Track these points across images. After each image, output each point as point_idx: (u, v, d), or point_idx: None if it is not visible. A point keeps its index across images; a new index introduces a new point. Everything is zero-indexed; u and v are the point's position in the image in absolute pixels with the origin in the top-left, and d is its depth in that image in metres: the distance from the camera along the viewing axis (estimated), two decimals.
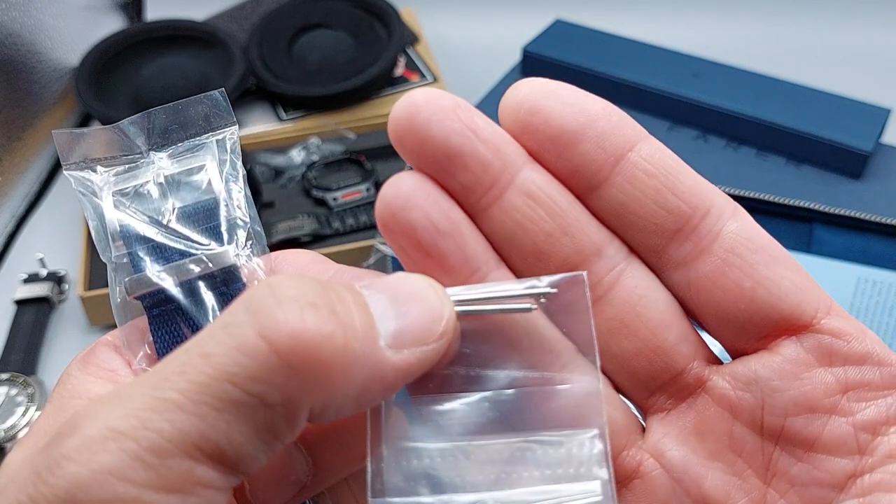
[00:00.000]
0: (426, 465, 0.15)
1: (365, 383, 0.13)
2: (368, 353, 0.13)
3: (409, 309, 0.14)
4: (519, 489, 0.15)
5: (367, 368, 0.13)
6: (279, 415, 0.13)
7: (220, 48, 0.64)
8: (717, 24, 0.77)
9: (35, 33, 0.62)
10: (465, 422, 0.15)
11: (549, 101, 0.16)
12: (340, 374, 0.13)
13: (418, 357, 0.14)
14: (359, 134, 0.62)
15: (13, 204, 0.61)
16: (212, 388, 0.12)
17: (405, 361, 0.14)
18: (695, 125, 0.59)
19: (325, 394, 0.13)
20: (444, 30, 0.75)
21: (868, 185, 0.54)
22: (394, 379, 0.14)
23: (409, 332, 0.14)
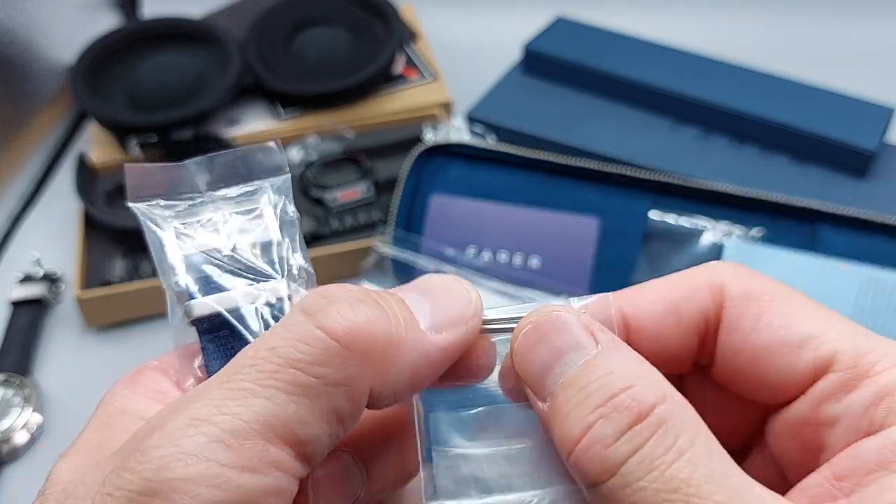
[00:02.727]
0: (473, 470, 0.16)
1: (414, 362, 0.15)
2: (413, 335, 0.15)
3: (440, 298, 0.16)
4: (559, 486, 0.15)
5: (414, 348, 0.15)
6: (342, 394, 0.14)
7: (217, 46, 0.63)
8: (721, 21, 0.76)
9: (30, 31, 0.62)
10: (505, 427, 0.16)
11: None
12: (392, 354, 0.15)
13: (455, 336, 0.16)
14: (357, 132, 0.62)
15: (8, 203, 0.60)
16: (280, 375, 0.14)
17: (445, 340, 0.16)
18: (697, 123, 0.58)
19: (380, 373, 0.15)
20: (443, 27, 0.75)
21: (872, 184, 0.54)
22: (439, 357, 0.16)
23: (444, 316, 0.16)
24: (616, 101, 0.61)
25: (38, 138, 0.64)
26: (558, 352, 0.15)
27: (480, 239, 0.49)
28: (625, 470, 0.13)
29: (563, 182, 0.49)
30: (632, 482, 0.13)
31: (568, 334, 0.15)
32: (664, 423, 0.14)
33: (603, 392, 0.14)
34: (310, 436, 0.14)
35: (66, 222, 0.59)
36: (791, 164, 0.56)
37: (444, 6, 0.77)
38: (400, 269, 0.50)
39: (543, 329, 0.16)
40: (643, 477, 0.13)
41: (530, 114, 0.60)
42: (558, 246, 0.48)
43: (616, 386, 0.14)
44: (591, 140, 0.57)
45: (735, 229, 0.47)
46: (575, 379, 0.15)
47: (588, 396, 0.14)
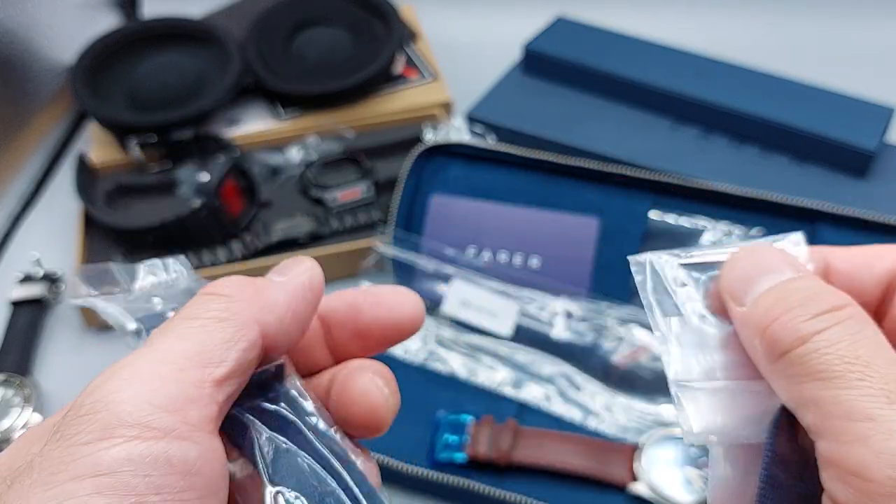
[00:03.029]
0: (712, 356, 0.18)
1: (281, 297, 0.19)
2: (267, 282, 0.19)
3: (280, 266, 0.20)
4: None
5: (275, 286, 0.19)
6: (231, 326, 0.17)
7: (217, 46, 0.63)
8: (721, 21, 0.76)
9: (30, 31, 0.62)
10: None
11: None
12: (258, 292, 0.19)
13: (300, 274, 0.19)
14: (357, 132, 0.62)
15: (8, 203, 0.60)
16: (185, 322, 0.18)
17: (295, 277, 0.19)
18: (697, 123, 0.58)
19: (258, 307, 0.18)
20: (443, 27, 0.75)
21: (872, 184, 0.54)
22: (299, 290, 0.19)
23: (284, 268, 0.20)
24: (616, 101, 0.61)
25: (38, 138, 0.64)
26: (762, 269, 0.18)
27: (480, 239, 0.49)
28: (816, 339, 0.16)
29: (564, 182, 0.49)
30: (820, 348, 0.16)
31: (772, 260, 0.18)
32: (851, 317, 0.17)
33: (802, 294, 0.17)
34: (213, 356, 0.17)
35: (66, 222, 0.59)
36: (791, 163, 0.56)
37: (444, 6, 0.77)
38: (400, 269, 0.50)
39: (751, 253, 0.19)
40: (830, 346, 0.16)
41: (530, 114, 0.60)
42: (558, 246, 0.48)
43: (813, 291, 0.17)
44: (591, 140, 0.57)
45: (735, 229, 0.47)
46: (777, 287, 0.18)
47: (788, 296, 0.17)
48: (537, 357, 0.46)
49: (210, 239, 0.53)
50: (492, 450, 0.40)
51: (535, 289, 0.47)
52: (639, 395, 0.44)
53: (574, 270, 0.48)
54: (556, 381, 0.45)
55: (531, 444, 0.40)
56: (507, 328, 0.46)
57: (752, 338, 0.17)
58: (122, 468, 0.15)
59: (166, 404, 0.15)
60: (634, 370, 0.45)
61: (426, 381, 0.45)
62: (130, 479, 0.14)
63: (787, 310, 0.17)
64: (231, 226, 0.53)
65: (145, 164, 0.59)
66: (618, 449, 0.40)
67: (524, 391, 0.45)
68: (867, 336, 0.16)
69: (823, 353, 0.16)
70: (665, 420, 0.43)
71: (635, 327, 0.45)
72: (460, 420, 0.42)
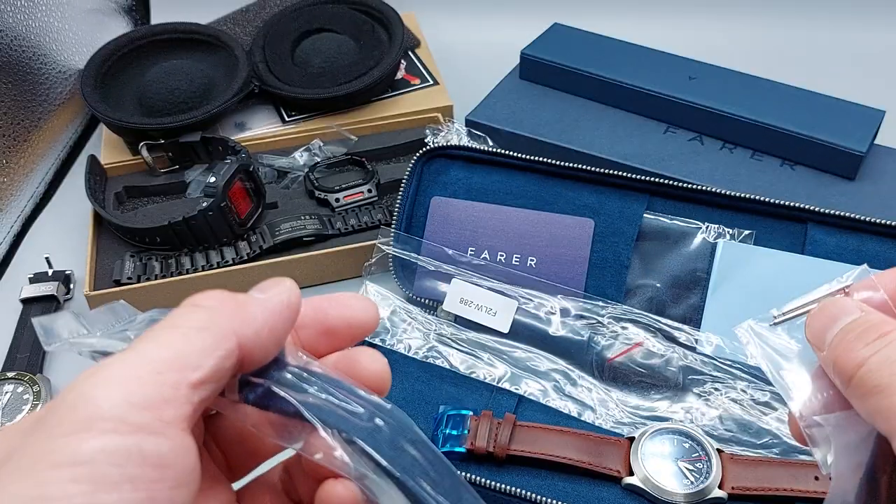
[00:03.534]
0: None
1: (260, 312, 0.20)
2: (250, 298, 0.20)
3: (262, 285, 0.21)
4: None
5: (256, 302, 0.20)
6: (211, 335, 0.18)
7: (225, 51, 0.64)
8: (713, 27, 0.78)
9: (41, 36, 0.63)
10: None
11: None
12: (239, 307, 0.19)
13: (279, 292, 0.20)
14: (360, 136, 0.63)
15: (20, 204, 0.61)
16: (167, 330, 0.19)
17: (275, 295, 0.20)
18: (691, 127, 0.60)
19: (239, 321, 0.19)
20: (444, 34, 0.76)
21: (862, 186, 0.55)
22: (277, 308, 0.20)
23: (266, 286, 0.21)
24: (611, 105, 0.62)
25: (50, 141, 0.66)
26: (834, 318, 0.22)
27: (479, 239, 0.50)
28: (870, 361, 0.20)
29: (560, 184, 0.50)
30: (873, 368, 0.20)
31: (843, 308, 0.23)
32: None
33: (860, 329, 0.22)
34: (190, 362, 0.18)
35: (76, 223, 0.60)
36: (783, 166, 0.57)
37: (444, 14, 0.78)
38: (402, 269, 0.51)
39: (826, 307, 0.23)
40: (881, 365, 0.20)
41: (527, 118, 0.61)
42: (555, 246, 0.49)
43: (869, 324, 0.22)
44: (587, 143, 0.58)
45: (727, 230, 0.48)
46: (842, 329, 0.22)
47: (848, 333, 0.22)
48: (535, 353, 0.47)
49: (217, 239, 0.54)
50: (490, 443, 0.41)
51: (533, 288, 0.48)
52: (633, 390, 0.45)
53: (570, 270, 0.49)
54: (552, 376, 0.46)
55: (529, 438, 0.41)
56: (505, 326, 0.47)
57: (831, 373, 0.22)
58: (98, 458, 0.16)
59: (142, 402, 0.16)
60: (629, 366, 0.46)
61: (427, 377, 0.46)
62: (106, 469, 0.16)
63: (848, 343, 0.21)
64: (238, 226, 0.54)
65: (154, 167, 0.61)
66: (613, 442, 0.41)
67: (522, 386, 0.45)
68: None
69: (876, 371, 0.20)
70: (659, 414, 0.44)
71: (629, 325, 0.46)
72: (460, 414, 0.43)
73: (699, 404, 0.44)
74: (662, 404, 0.45)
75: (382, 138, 0.63)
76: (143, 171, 0.61)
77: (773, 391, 0.43)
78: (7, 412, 0.46)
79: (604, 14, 0.76)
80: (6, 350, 0.51)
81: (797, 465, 0.40)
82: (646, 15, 0.78)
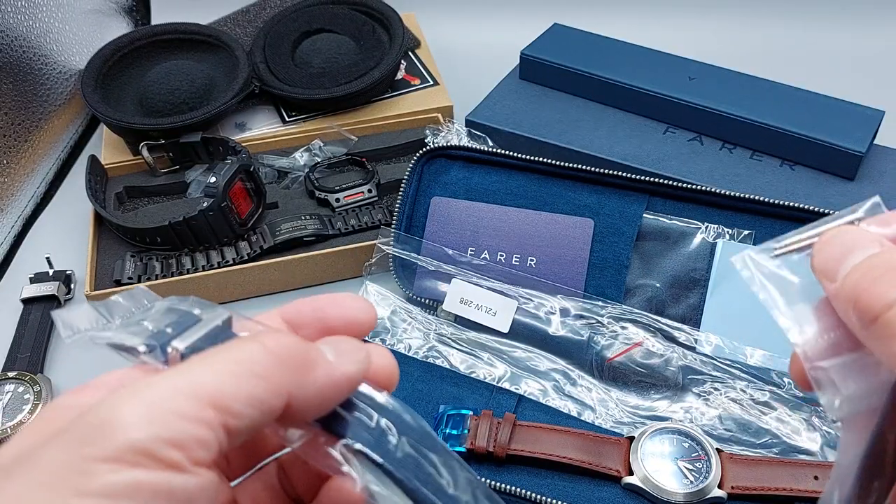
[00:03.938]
0: None
1: (322, 379, 0.19)
2: (322, 359, 0.19)
3: (341, 344, 0.20)
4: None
5: (322, 369, 0.19)
6: (263, 385, 0.18)
7: (225, 52, 0.64)
8: (713, 28, 0.78)
9: (42, 37, 0.63)
10: None
11: None
12: (306, 367, 0.19)
13: (353, 366, 0.19)
14: (361, 136, 0.63)
15: (20, 204, 0.61)
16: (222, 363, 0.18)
17: (347, 368, 0.19)
18: (690, 128, 0.60)
19: (296, 381, 0.18)
20: (444, 34, 0.76)
21: (861, 186, 0.55)
22: (342, 381, 0.19)
23: (344, 351, 0.20)
24: (610, 106, 0.62)
25: (51, 141, 0.66)
26: (849, 248, 0.20)
27: (479, 239, 0.50)
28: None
29: (560, 184, 0.50)
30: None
31: (858, 238, 0.20)
32: None
33: (886, 266, 0.19)
34: (233, 408, 0.17)
35: (77, 223, 0.60)
36: (782, 166, 0.57)
37: (444, 15, 0.78)
38: (402, 269, 0.51)
39: (838, 235, 0.21)
40: None
41: (527, 118, 0.61)
42: (554, 246, 0.50)
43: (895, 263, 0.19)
44: (587, 143, 0.59)
45: (727, 230, 0.48)
46: (863, 263, 0.20)
47: (873, 269, 0.19)
48: (534, 353, 0.47)
49: (218, 239, 0.54)
50: (490, 443, 0.41)
51: (533, 288, 0.48)
52: (633, 390, 0.46)
53: (570, 270, 0.49)
54: (552, 376, 0.46)
55: (528, 438, 0.41)
56: (505, 325, 0.47)
57: (847, 310, 0.20)
58: (125, 493, 0.15)
59: (177, 440, 0.16)
60: (628, 366, 0.46)
61: (428, 377, 0.46)
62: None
63: (874, 281, 0.19)
64: (238, 226, 0.54)
65: (155, 167, 0.61)
66: (613, 442, 0.41)
67: (522, 386, 0.46)
68: None
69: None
70: (658, 414, 0.44)
71: (629, 325, 0.46)
72: (460, 414, 0.43)
73: (699, 404, 0.44)
74: (662, 404, 0.45)
75: (383, 138, 0.63)
76: (144, 172, 0.61)
77: (772, 391, 0.44)
78: (8, 412, 0.46)
79: (604, 14, 0.76)
80: (7, 350, 0.51)
81: (797, 464, 0.40)
82: (646, 15, 0.78)
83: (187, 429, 0.16)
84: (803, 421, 0.42)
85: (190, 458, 0.16)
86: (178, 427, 0.16)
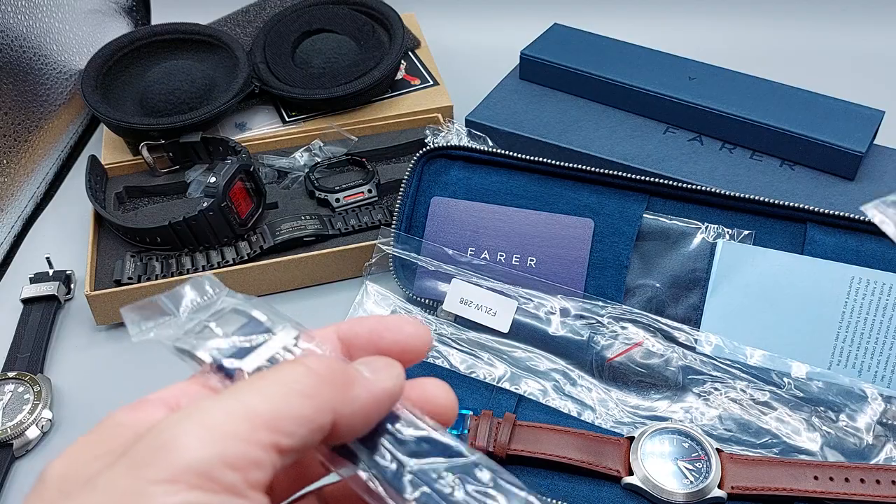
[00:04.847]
0: None
1: (364, 396, 0.19)
2: (360, 377, 0.20)
3: (374, 363, 0.21)
4: None
5: (363, 386, 0.19)
6: (311, 405, 0.18)
7: (225, 52, 0.64)
8: (713, 28, 0.78)
9: (42, 37, 0.63)
10: None
11: None
12: (348, 386, 0.19)
13: (390, 381, 0.20)
14: (361, 136, 0.63)
15: (20, 204, 0.62)
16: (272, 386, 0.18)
17: (384, 382, 0.20)
18: (691, 128, 0.60)
19: (342, 399, 0.19)
20: (444, 34, 0.76)
21: (861, 186, 0.55)
22: (382, 396, 0.20)
23: (379, 367, 0.20)
24: (610, 106, 0.62)
25: (51, 142, 0.66)
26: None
27: (479, 239, 0.51)
28: None
29: (560, 184, 0.50)
30: None
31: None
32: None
33: None
34: (285, 428, 0.18)
35: (77, 224, 0.60)
36: (782, 166, 0.57)
37: (445, 15, 0.79)
38: (402, 269, 0.51)
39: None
40: None
41: (527, 118, 0.61)
42: (554, 246, 0.50)
43: None
44: (587, 143, 0.59)
45: (727, 230, 0.48)
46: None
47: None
48: (534, 353, 0.47)
49: (218, 239, 0.54)
50: (490, 443, 0.41)
51: (533, 288, 0.48)
52: (633, 390, 0.46)
53: (570, 270, 0.49)
54: (552, 376, 0.46)
55: (528, 438, 0.41)
56: (505, 326, 0.47)
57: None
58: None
59: (233, 462, 0.17)
60: (628, 366, 0.46)
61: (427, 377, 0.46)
62: None
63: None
64: (238, 226, 0.54)
65: (155, 167, 0.61)
66: (613, 442, 0.41)
67: (522, 386, 0.46)
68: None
69: None
70: (658, 414, 0.44)
71: (629, 325, 0.46)
72: (460, 414, 0.43)
73: (699, 404, 0.44)
74: (662, 404, 0.45)
75: (383, 138, 0.63)
76: (144, 172, 0.61)
77: (772, 391, 0.44)
78: (7, 412, 0.46)
79: (604, 14, 0.76)
80: (7, 350, 0.51)
81: (796, 464, 0.40)
82: (646, 15, 0.78)
83: (244, 450, 0.17)
84: (803, 421, 0.42)
85: (246, 481, 0.17)
86: (235, 449, 0.17)
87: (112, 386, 0.49)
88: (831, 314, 0.44)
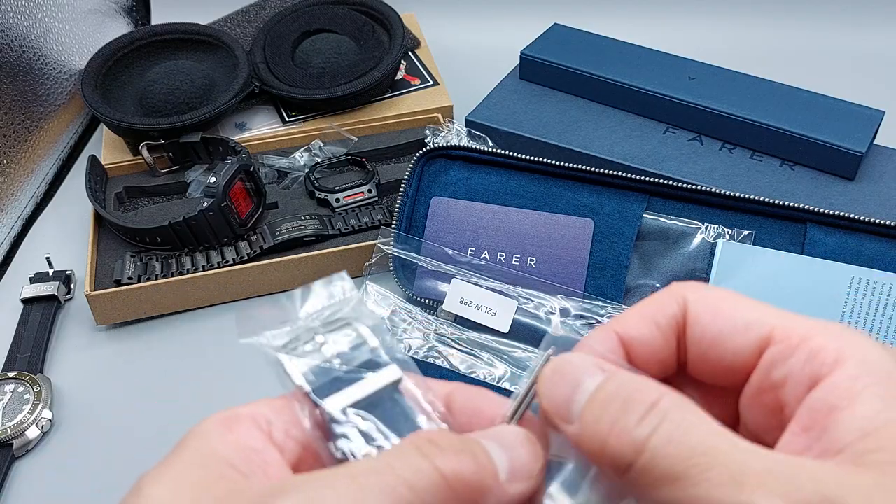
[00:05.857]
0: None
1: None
2: (495, 484, 0.18)
3: (516, 451, 0.19)
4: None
5: (494, 496, 0.18)
6: None
7: (225, 52, 0.64)
8: (713, 28, 0.78)
9: (42, 37, 0.63)
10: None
11: None
12: (478, 498, 0.18)
13: (526, 487, 0.18)
14: (361, 136, 0.63)
15: (20, 204, 0.62)
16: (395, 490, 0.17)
17: (518, 491, 0.18)
18: (691, 128, 0.60)
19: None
20: (444, 34, 0.76)
21: (861, 186, 0.55)
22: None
23: (518, 468, 0.19)
24: (610, 106, 0.62)
25: (51, 142, 0.66)
26: (573, 383, 0.18)
27: (479, 239, 0.51)
28: (650, 444, 0.16)
29: (559, 184, 0.50)
30: (657, 453, 0.16)
31: (578, 368, 0.19)
32: (671, 407, 0.17)
33: (620, 398, 0.18)
34: None
35: (77, 223, 0.60)
36: (782, 166, 0.57)
37: (444, 15, 0.79)
38: (402, 269, 0.51)
39: (556, 371, 0.19)
40: (665, 447, 0.16)
41: (527, 118, 0.61)
42: (554, 246, 0.50)
43: (629, 389, 0.18)
44: (587, 143, 0.59)
45: (727, 230, 0.48)
46: (593, 398, 0.18)
47: (608, 406, 0.18)
48: (534, 353, 0.47)
49: (218, 239, 0.54)
50: None
51: (533, 288, 0.48)
52: None
53: (570, 270, 0.49)
54: None
55: None
56: (505, 326, 0.47)
57: (596, 457, 0.18)
58: None
59: None
60: None
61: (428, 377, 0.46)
62: None
63: (613, 421, 0.17)
64: (238, 226, 0.54)
65: (155, 167, 0.61)
66: None
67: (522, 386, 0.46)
68: (693, 423, 0.17)
69: (662, 456, 0.16)
70: None
71: None
72: None
73: None
74: None
75: (383, 138, 0.63)
76: (144, 172, 0.61)
77: None
78: (7, 412, 0.46)
79: (604, 14, 0.76)
80: (7, 350, 0.51)
81: None
82: (646, 15, 0.78)
83: None
84: None
85: None
86: None
87: (112, 386, 0.49)
88: (831, 314, 0.44)
